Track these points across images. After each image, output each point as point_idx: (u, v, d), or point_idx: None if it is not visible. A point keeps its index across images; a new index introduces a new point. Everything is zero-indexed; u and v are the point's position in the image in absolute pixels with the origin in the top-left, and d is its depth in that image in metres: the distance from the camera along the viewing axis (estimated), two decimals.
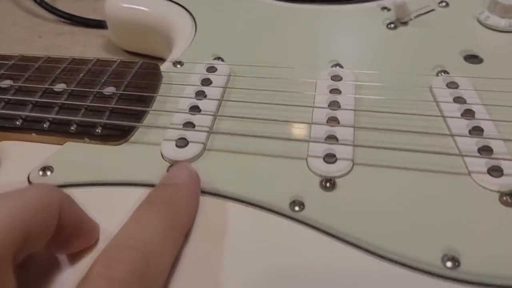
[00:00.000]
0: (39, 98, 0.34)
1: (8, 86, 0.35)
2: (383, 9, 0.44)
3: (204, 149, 0.31)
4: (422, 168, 0.29)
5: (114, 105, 0.33)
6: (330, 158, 0.29)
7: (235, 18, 0.44)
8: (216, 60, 0.38)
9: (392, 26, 0.41)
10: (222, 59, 0.38)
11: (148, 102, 0.34)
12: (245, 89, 0.35)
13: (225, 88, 0.35)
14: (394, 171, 0.29)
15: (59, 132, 0.32)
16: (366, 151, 0.30)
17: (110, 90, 0.34)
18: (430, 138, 0.30)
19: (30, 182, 0.30)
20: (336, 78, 0.35)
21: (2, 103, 0.34)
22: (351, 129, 0.31)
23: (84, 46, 0.54)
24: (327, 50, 0.39)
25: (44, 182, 0.30)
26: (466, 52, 0.38)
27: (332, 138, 0.30)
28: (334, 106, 0.33)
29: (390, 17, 0.42)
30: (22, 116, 0.33)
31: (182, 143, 0.31)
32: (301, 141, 0.31)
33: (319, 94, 0.34)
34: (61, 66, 0.37)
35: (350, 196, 0.27)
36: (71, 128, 0.32)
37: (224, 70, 0.36)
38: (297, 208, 0.27)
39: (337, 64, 0.37)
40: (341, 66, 0.37)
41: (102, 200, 0.28)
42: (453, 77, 0.35)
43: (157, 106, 0.34)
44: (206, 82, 0.35)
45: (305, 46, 0.40)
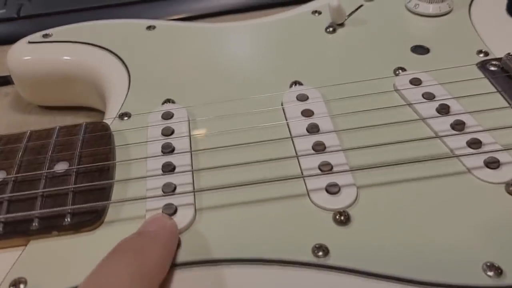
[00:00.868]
0: None
1: None
2: (314, 13, 0.43)
3: (195, 211, 0.27)
4: (424, 176, 0.28)
5: (75, 184, 0.29)
6: (333, 188, 0.27)
7: (170, 54, 0.40)
8: (167, 104, 0.35)
9: (330, 30, 0.41)
10: (173, 101, 0.35)
11: (111, 172, 0.30)
12: (212, 133, 0.32)
13: (189, 136, 0.32)
14: (397, 186, 0.28)
15: (18, 233, 0.27)
16: (363, 173, 0.29)
17: (62, 167, 0.30)
18: (420, 143, 0.30)
19: None
20: (302, 97, 0.33)
21: None
22: (341, 152, 0.29)
23: None
24: (279, 69, 0.37)
25: None
26: (410, 43, 0.38)
27: (326, 165, 0.29)
28: (313, 129, 0.31)
29: (324, 20, 0.42)
30: None
31: (170, 210, 0.27)
32: (294, 178, 0.29)
33: (293, 121, 0.32)
34: None
35: (369, 225, 0.26)
36: (33, 224, 0.27)
37: (182, 114, 0.33)
38: (320, 253, 0.25)
39: (295, 82, 0.35)
40: (300, 83, 0.35)
41: None
42: (413, 73, 0.35)
43: (121, 173, 0.30)
44: (168, 132, 0.32)
45: (254, 69, 0.38)
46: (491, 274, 0.24)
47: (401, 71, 0.35)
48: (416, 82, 0.34)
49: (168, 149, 0.31)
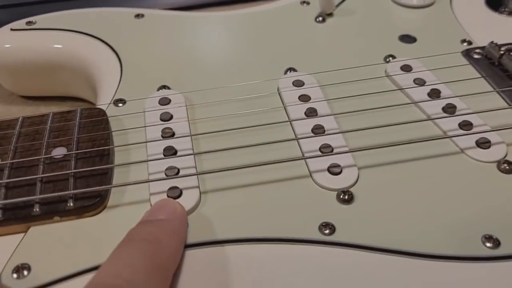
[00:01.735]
0: None
1: None
2: (303, 3, 0.44)
3: (200, 193, 0.28)
4: (419, 156, 0.29)
5: (75, 169, 0.28)
6: (335, 169, 0.28)
7: (162, 42, 0.40)
8: (163, 89, 0.35)
9: (320, 19, 0.41)
10: (169, 87, 0.35)
11: (111, 156, 0.30)
12: (210, 118, 0.32)
13: (188, 121, 0.32)
14: (395, 166, 0.29)
15: (19, 219, 0.26)
16: (362, 154, 0.29)
17: (60, 152, 0.29)
18: (414, 125, 0.31)
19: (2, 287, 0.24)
20: (298, 83, 0.34)
21: None
22: (340, 135, 0.30)
23: None
24: (273, 56, 0.38)
25: (22, 285, 0.24)
26: (397, 33, 0.40)
27: (326, 148, 0.29)
28: (312, 113, 0.32)
29: (313, 10, 0.42)
30: None
31: (175, 193, 0.27)
32: (297, 159, 0.29)
33: (291, 105, 0.32)
34: None
35: (371, 202, 0.27)
36: (34, 210, 0.26)
37: (179, 100, 0.33)
38: (327, 231, 0.26)
39: (290, 68, 0.36)
40: (294, 69, 0.36)
41: None
42: (403, 60, 0.36)
43: (121, 158, 0.30)
44: (167, 117, 0.32)
45: (248, 55, 0.38)
46: (490, 245, 0.25)
47: (391, 58, 0.36)
48: (406, 69, 0.35)
49: (168, 133, 0.31)
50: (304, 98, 0.33)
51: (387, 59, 0.37)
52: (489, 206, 0.27)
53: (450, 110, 0.31)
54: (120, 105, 0.34)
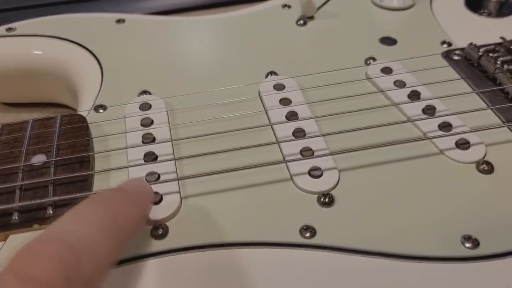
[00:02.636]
0: None
1: None
2: (284, 6, 0.44)
3: (181, 199, 0.27)
4: (400, 158, 0.29)
5: (55, 176, 0.28)
6: (316, 172, 0.28)
7: (142, 47, 0.40)
8: (144, 95, 0.34)
9: (301, 22, 0.42)
10: (150, 93, 0.35)
11: (91, 163, 0.29)
12: (192, 123, 0.32)
13: (169, 126, 0.32)
14: (375, 168, 0.29)
15: None
16: (343, 156, 0.29)
17: (39, 159, 0.29)
18: (394, 127, 0.31)
19: None
20: (279, 87, 0.34)
21: None
22: (321, 138, 0.30)
23: None
24: (253, 60, 0.38)
25: None
26: (378, 35, 0.40)
27: (307, 151, 0.29)
28: (293, 117, 0.32)
29: (294, 13, 0.42)
30: None
31: (156, 198, 0.27)
32: (277, 163, 0.29)
33: (272, 109, 0.32)
34: None
35: (352, 205, 0.27)
36: (13, 218, 0.26)
37: (160, 105, 0.33)
38: (308, 234, 0.26)
39: (271, 72, 0.36)
40: (275, 73, 0.36)
41: None
42: (383, 63, 0.36)
43: (102, 164, 0.30)
44: (147, 122, 0.32)
45: (229, 60, 0.38)
46: (469, 245, 0.25)
47: (372, 61, 0.37)
48: (387, 71, 0.35)
49: (148, 139, 0.30)
50: (285, 101, 0.33)
51: (368, 62, 0.37)
52: (468, 207, 0.27)
53: (430, 111, 0.32)
54: (101, 111, 0.34)
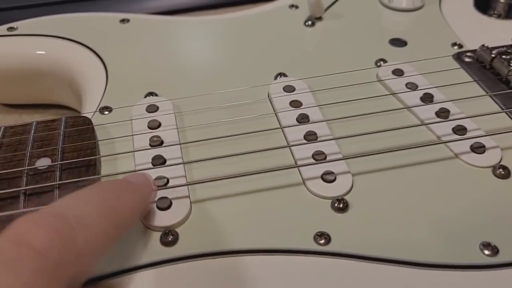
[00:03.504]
0: None
1: None
2: (292, 7, 0.43)
3: (191, 204, 0.27)
4: (414, 162, 0.29)
5: (60, 180, 0.27)
6: (329, 177, 0.27)
7: (148, 48, 0.39)
8: (150, 96, 0.34)
9: (309, 23, 0.41)
10: (156, 94, 0.34)
11: (97, 167, 0.29)
12: (200, 125, 0.31)
13: (177, 128, 0.31)
14: (390, 172, 0.28)
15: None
16: (356, 160, 0.29)
17: (44, 163, 0.28)
18: (408, 131, 0.30)
19: None
20: (289, 89, 0.33)
21: None
22: (333, 141, 0.29)
23: None
24: (262, 61, 0.37)
25: None
26: (388, 36, 0.39)
27: (319, 154, 0.29)
28: (304, 119, 0.31)
29: (302, 14, 0.42)
30: None
31: (165, 204, 0.26)
32: (289, 167, 0.28)
33: (282, 111, 0.32)
34: None
35: (367, 211, 0.26)
36: None
37: (167, 107, 0.32)
38: (322, 241, 0.25)
39: (280, 73, 0.35)
40: (285, 75, 0.35)
41: None
42: (394, 64, 0.35)
43: (108, 168, 0.29)
44: (155, 125, 0.31)
45: (237, 61, 0.37)
46: (488, 252, 0.24)
47: (382, 63, 0.36)
48: (398, 73, 0.34)
49: (156, 142, 0.30)
50: (295, 104, 0.32)
51: (378, 63, 0.36)
52: (485, 213, 0.26)
53: (443, 114, 0.31)
54: (106, 113, 0.33)
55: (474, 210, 0.26)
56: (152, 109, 0.32)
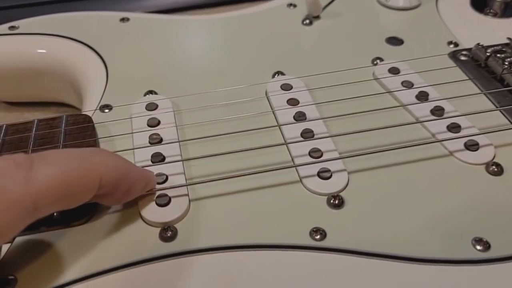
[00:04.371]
0: None
1: None
2: (289, 6, 0.43)
3: (189, 201, 0.27)
4: (409, 159, 0.29)
5: None
6: (325, 174, 0.28)
7: (147, 46, 0.39)
8: (150, 95, 0.34)
9: (307, 22, 0.41)
10: (156, 92, 0.34)
11: None
12: (199, 123, 0.32)
13: (176, 126, 0.31)
14: (385, 170, 0.29)
15: None
16: (352, 158, 0.29)
17: None
18: (403, 128, 0.31)
19: None
20: (286, 87, 0.34)
21: None
22: (330, 139, 0.30)
23: None
24: (260, 60, 0.38)
25: None
26: (384, 35, 0.40)
27: (316, 152, 0.29)
28: (301, 117, 0.31)
29: (299, 13, 0.42)
30: None
31: (164, 201, 0.27)
32: (286, 165, 0.29)
33: (280, 109, 0.32)
34: None
35: (362, 207, 0.27)
36: None
37: (167, 105, 0.33)
38: (318, 236, 0.25)
39: (278, 72, 0.36)
40: (282, 73, 0.36)
41: None
42: (391, 63, 0.36)
43: None
44: (154, 122, 0.31)
45: (235, 59, 0.38)
46: (480, 248, 0.25)
47: (379, 61, 0.36)
48: (394, 71, 0.35)
49: (155, 139, 0.30)
50: (292, 102, 0.33)
51: (375, 62, 0.37)
52: (478, 209, 0.27)
53: (438, 112, 0.31)
54: (106, 111, 0.33)
55: (467, 206, 0.27)
56: (151, 107, 0.33)
